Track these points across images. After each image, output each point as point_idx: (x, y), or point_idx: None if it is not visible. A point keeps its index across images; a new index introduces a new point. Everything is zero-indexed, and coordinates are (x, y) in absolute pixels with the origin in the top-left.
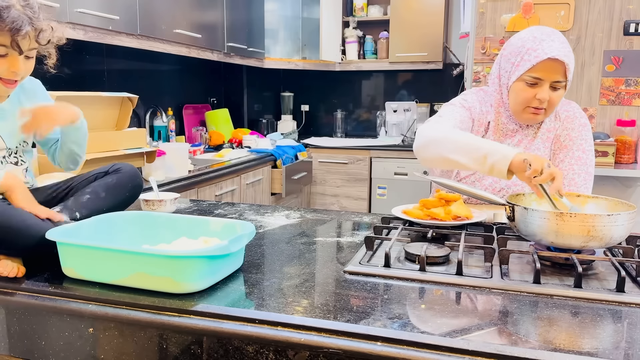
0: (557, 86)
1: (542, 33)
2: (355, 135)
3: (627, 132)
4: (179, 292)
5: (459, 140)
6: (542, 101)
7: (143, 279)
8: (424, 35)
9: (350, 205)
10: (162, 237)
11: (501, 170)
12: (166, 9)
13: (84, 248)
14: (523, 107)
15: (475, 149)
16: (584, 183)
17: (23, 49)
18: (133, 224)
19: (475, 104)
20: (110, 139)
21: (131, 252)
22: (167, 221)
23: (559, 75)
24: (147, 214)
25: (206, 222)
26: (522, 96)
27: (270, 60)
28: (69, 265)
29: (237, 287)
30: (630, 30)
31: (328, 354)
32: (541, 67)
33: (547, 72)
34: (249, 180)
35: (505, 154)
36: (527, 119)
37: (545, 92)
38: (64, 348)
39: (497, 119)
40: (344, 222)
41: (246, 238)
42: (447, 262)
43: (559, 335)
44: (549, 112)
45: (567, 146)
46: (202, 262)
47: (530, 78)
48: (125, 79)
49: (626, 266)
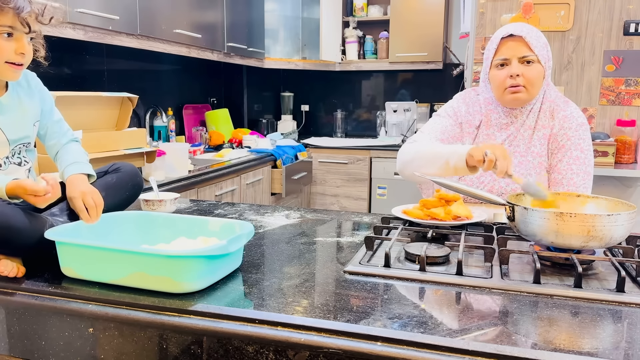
0: (527, 59)
1: (507, 25)
2: (355, 135)
3: (627, 132)
4: (178, 292)
5: (424, 155)
6: (513, 76)
7: (142, 278)
8: (424, 35)
9: (350, 205)
10: (161, 237)
11: (463, 168)
12: (166, 9)
13: (82, 247)
14: (502, 89)
15: (437, 157)
16: (583, 183)
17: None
18: (132, 223)
19: (461, 107)
20: (110, 139)
21: (130, 251)
22: (166, 221)
23: (522, 50)
24: (145, 213)
25: (205, 222)
26: (497, 79)
27: (270, 60)
28: (67, 265)
29: (237, 287)
30: (630, 30)
31: (328, 354)
32: (503, 47)
33: (509, 49)
34: (249, 180)
35: (460, 153)
36: (509, 100)
37: (514, 68)
38: (64, 348)
39: (489, 115)
40: (344, 222)
41: (245, 238)
42: (447, 262)
43: (559, 335)
44: (531, 90)
45: (565, 146)
46: (201, 262)
47: (498, 61)
48: (125, 79)
49: (626, 266)
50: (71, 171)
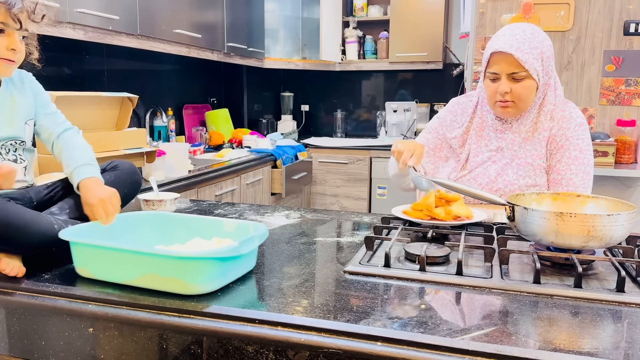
0: (517, 77)
1: (503, 29)
2: (355, 135)
3: (627, 132)
4: (189, 294)
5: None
6: (502, 94)
7: (153, 279)
8: (424, 35)
9: (350, 205)
10: (177, 238)
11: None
12: (166, 9)
13: (96, 248)
14: (493, 101)
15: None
16: (582, 183)
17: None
18: (148, 224)
19: (447, 117)
20: (110, 139)
21: (141, 252)
22: (182, 222)
23: (512, 67)
24: (161, 214)
25: (219, 222)
26: (488, 91)
27: (270, 60)
28: (82, 265)
29: (236, 287)
30: (630, 30)
31: (328, 354)
32: (493, 61)
33: (498, 65)
34: (249, 180)
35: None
36: (499, 112)
37: (503, 85)
38: (64, 348)
39: (484, 116)
40: (344, 222)
41: (258, 239)
42: (447, 262)
43: (559, 335)
44: (520, 106)
45: (564, 146)
46: (212, 264)
47: (489, 74)
48: (125, 79)
49: (626, 266)
50: (84, 174)
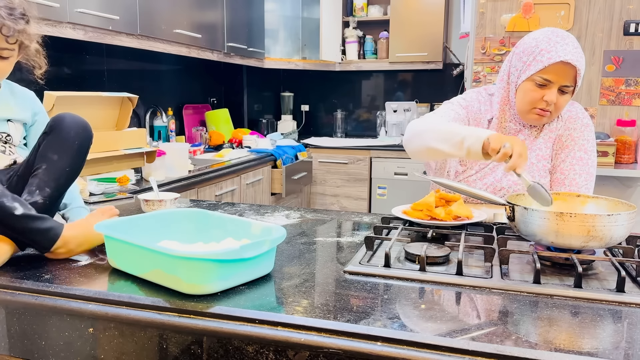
0: (566, 90)
1: (557, 35)
2: (355, 135)
3: (627, 132)
4: (188, 293)
5: (441, 129)
6: (549, 103)
7: (160, 275)
8: (424, 35)
9: (350, 205)
10: (214, 236)
11: (477, 151)
12: (166, 9)
13: (117, 241)
14: (530, 107)
15: (454, 134)
16: (585, 183)
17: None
18: (190, 221)
19: (474, 103)
20: (110, 139)
21: (148, 248)
22: (218, 221)
23: (568, 79)
24: (202, 212)
25: (248, 224)
26: (530, 96)
27: (270, 60)
28: (111, 257)
29: (237, 287)
30: (630, 30)
31: (328, 354)
32: (553, 69)
33: (557, 75)
34: (249, 180)
35: (479, 135)
36: (532, 119)
37: (553, 95)
38: (64, 348)
39: (501, 117)
40: (344, 222)
41: (267, 244)
42: (447, 262)
43: (559, 335)
44: (553, 116)
45: (569, 146)
46: (210, 265)
47: (540, 79)
48: (125, 79)
49: (626, 266)
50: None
